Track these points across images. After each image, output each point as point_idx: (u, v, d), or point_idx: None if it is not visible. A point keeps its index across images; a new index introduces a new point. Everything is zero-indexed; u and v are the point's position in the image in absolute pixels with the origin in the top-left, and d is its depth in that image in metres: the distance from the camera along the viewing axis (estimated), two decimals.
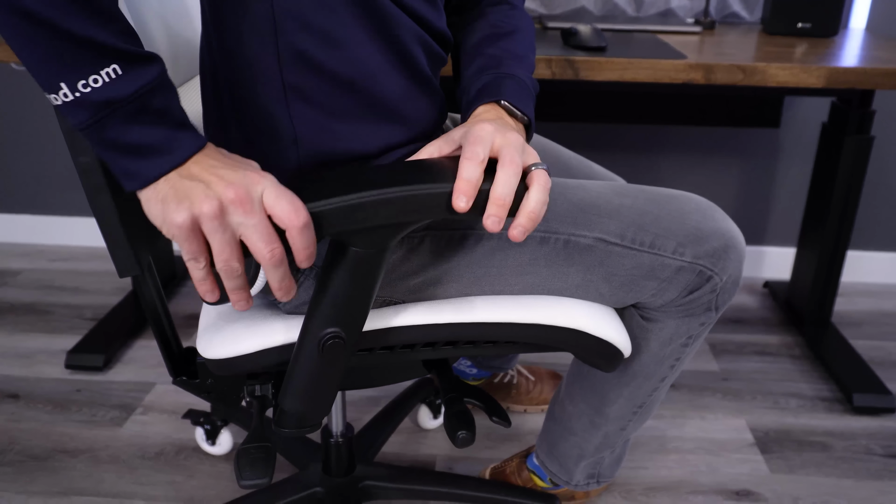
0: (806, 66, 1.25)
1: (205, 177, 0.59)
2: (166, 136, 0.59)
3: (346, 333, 0.72)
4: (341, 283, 0.69)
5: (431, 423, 1.42)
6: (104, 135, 0.58)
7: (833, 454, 1.39)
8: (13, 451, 1.35)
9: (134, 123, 0.58)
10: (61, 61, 0.55)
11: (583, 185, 0.85)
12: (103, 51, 0.56)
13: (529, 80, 0.83)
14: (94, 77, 0.56)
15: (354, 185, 0.64)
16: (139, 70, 0.58)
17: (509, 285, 0.81)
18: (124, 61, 0.57)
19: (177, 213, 0.58)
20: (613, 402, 0.98)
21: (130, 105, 0.57)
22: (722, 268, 0.83)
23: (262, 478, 0.81)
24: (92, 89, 0.56)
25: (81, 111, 0.57)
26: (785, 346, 1.75)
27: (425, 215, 0.66)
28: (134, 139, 0.58)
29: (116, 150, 0.59)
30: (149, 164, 0.59)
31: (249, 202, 0.59)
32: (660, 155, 1.96)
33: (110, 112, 0.57)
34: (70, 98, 0.56)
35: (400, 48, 0.75)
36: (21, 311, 1.82)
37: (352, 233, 0.65)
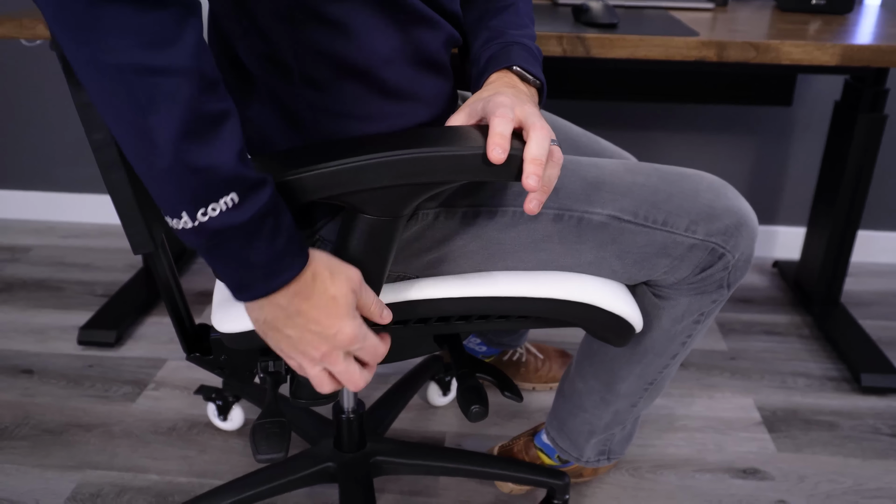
0: (820, 44, 1.24)
1: (296, 332, 0.64)
2: (274, 256, 0.60)
3: None
4: (357, 252, 0.70)
5: (440, 400, 1.43)
6: (217, 254, 0.60)
7: (840, 433, 1.40)
8: (28, 425, 1.37)
9: (246, 246, 0.59)
10: (182, 190, 0.56)
11: (596, 163, 0.85)
12: (223, 179, 0.56)
13: (535, 46, 0.84)
14: (213, 206, 0.56)
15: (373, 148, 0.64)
16: (254, 196, 0.58)
17: (522, 262, 0.82)
18: (242, 188, 0.57)
19: (302, 359, 0.66)
20: (624, 378, 0.98)
21: (244, 230, 0.58)
22: (734, 245, 0.84)
23: (278, 452, 0.82)
24: (210, 218, 0.57)
25: (197, 237, 0.58)
26: (793, 325, 1.75)
27: (449, 176, 0.66)
28: (244, 259, 0.60)
29: (229, 266, 0.60)
30: (256, 282, 0.61)
31: (333, 358, 0.66)
32: (670, 133, 1.95)
33: (224, 238, 0.58)
34: (189, 226, 0.57)
35: (414, 34, 0.75)
36: (33, 288, 1.83)
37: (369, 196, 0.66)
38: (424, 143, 0.65)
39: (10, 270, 1.91)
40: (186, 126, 0.54)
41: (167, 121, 0.53)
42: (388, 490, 1.23)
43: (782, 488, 1.26)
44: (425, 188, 0.68)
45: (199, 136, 0.55)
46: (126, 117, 0.53)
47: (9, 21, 1.28)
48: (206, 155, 0.55)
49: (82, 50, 0.51)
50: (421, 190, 0.67)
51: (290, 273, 0.62)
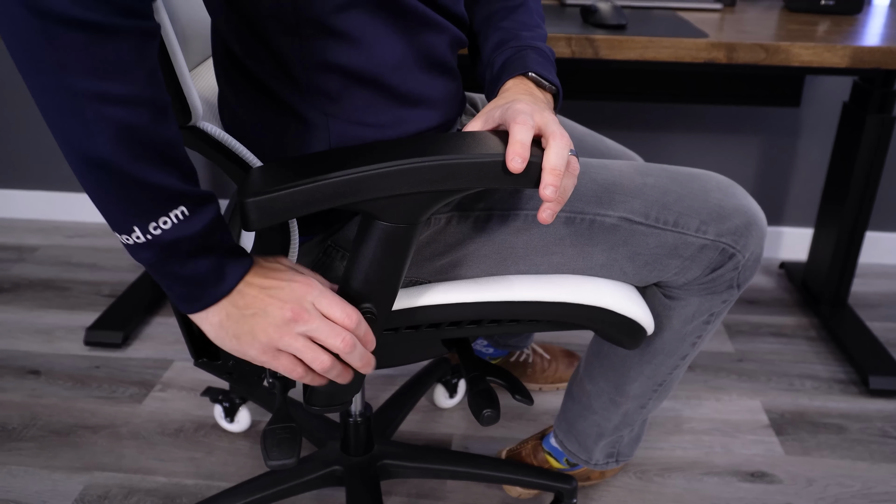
0: (830, 46, 1.23)
1: (259, 303, 0.64)
2: (220, 265, 0.63)
3: (378, 309, 0.72)
4: (373, 259, 0.69)
5: (447, 403, 1.43)
6: (165, 269, 0.61)
7: (848, 436, 1.39)
8: (35, 426, 1.37)
9: (191, 258, 0.61)
10: (134, 206, 0.57)
11: (605, 165, 0.84)
12: (173, 195, 0.58)
13: (548, 49, 0.84)
14: (164, 219, 0.58)
15: (392, 155, 0.64)
16: (203, 210, 0.60)
17: (535, 265, 0.81)
18: (191, 202, 0.59)
19: (252, 349, 0.65)
20: (634, 380, 0.98)
21: (192, 243, 0.60)
22: (744, 245, 0.83)
23: (289, 458, 0.82)
24: (162, 231, 0.58)
25: (149, 251, 0.60)
26: (800, 327, 1.74)
27: (467, 184, 0.66)
28: (191, 271, 0.62)
29: (175, 280, 0.62)
30: (206, 292, 0.63)
31: (306, 313, 0.64)
32: (678, 133, 1.94)
33: (174, 251, 0.60)
34: (142, 240, 0.59)
35: (421, 39, 0.75)
36: (39, 288, 1.83)
37: (386, 203, 0.65)
38: (444, 150, 0.65)
39: (17, 270, 1.91)
40: (137, 151, 0.55)
41: (118, 146, 0.54)
42: (395, 493, 1.23)
43: (790, 491, 1.26)
44: (445, 195, 0.67)
45: (151, 159, 0.56)
46: (78, 141, 0.54)
47: None
48: (156, 175, 0.57)
49: (37, 76, 0.52)
50: (440, 196, 0.67)
51: (235, 276, 0.64)
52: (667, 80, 1.79)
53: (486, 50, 0.85)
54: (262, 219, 0.62)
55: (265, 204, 0.62)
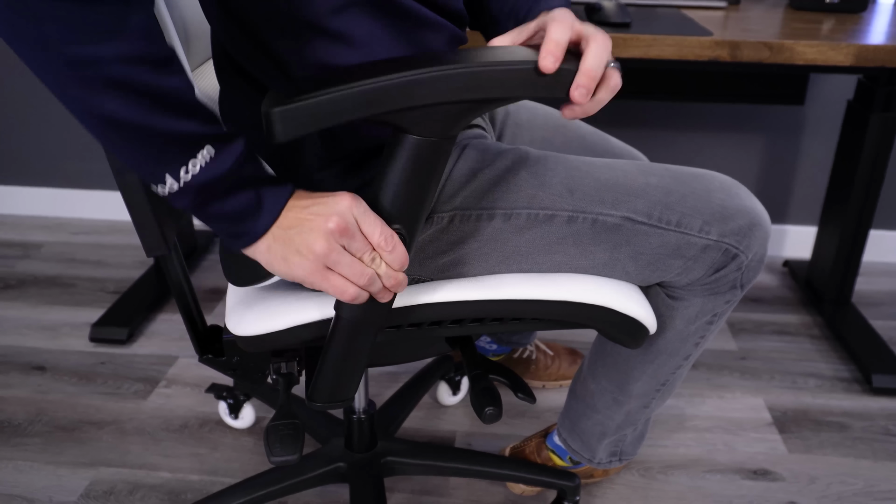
0: (834, 44, 1.23)
1: (304, 220, 0.64)
2: (259, 197, 0.63)
3: (408, 230, 0.70)
4: (402, 176, 0.66)
5: (450, 400, 1.44)
6: (207, 210, 0.62)
7: (851, 434, 1.39)
8: (41, 421, 1.38)
9: (230, 195, 0.62)
10: (162, 156, 0.58)
11: (609, 164, 0.84)
12: (196, 138, 0.59)
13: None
14: (193, 162, 0.59)
15: (423, 65, 0.62)
16: (229, 147, 0.61)
17: (537, 264, 0.82)
18: (216, 142, 0.60)
19: (300, 267, 0.64)
20: (637, 379, 0.98)
21: (226, 181, 0.61)
22: (747, 246, 0.83)
23: (292, 454, 0.82)
24: (193, 175, 0.59)
25: (185, 196, 0.61)
26: (804, 325, 1.74)
27: (500, 91, 0.63)
28: (233, 208, 0.62)
29: (220, 220, 0.63)
30: (251, 225, 0.64)
31: (350, 227, 0.64)
32: (681, 131, 1.94)
33: (210, 191, 0.61)
34: (176, 187, 0.60)
35: (417, 39, 0.75)
36: (45, 284, 1.84)
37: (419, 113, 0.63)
38: (476, 60, 0.63)
39: (22, 267, 1.92)
40: (147, 104, 0.56)
41: (128, 104, 0.55)
42: (398, 490, 1.24)
43: (793, 489, 1.26)
44: (476, 106, 0.65)
45: (164, 110, 0.57)
46: (88, 106, 0.55)
47: None
48: (173, 123, 0.57)
49: (31, 47, 0.52)
50: (472, 108, 0.65)
51: (277, 206, 0.64)
52: (671, 78, 1.78)
53: (505, 9, 0.84)
54: (289, 129, 0.60)
55: (292, 113, 0.59)
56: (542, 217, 0.79)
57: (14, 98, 2.06)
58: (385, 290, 0.69)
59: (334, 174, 0.77)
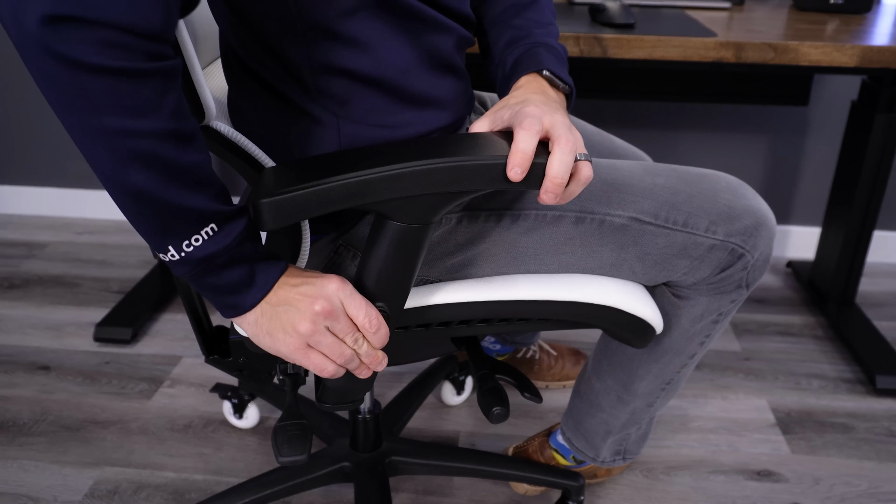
0: (839, 45, 1.23)
1: (292, 299, 0.66)
2: (253, 272, 0.66)
3: (391, 308, 0.73)
4: (386, 258, 0.70)
5: (455, 400, 1.44)
6: (202, 281, 0.65)
7: (855, 436, 1.39)
8: (46, 421, 1.38)
9: (226, 269, 0.65)
10: (168, 229, 0.61)
11: (615, 165, 0.85)
12: (203, 215, 0.61)
13: (561, 47, 0.84)
14: (196, 237, 0.62)
15: (403, 157, 0.65)
16: (231, 224, 0.63)
17: (545, 264, 0.82)
18: (220, 220, 0.63)
19: (284, 344, 0.67)
20: (642, 378, 0.98)
21: (225, 256, 0.64)
22: (753, 245, 0.84)
23: (300, 454, 0.82)
24: (194, 248, 0.62)
25: (184, 266, 0.63)
26: (807, 326, 1.74)
27: (475, 186, 0.67)
28: (227, 281, 0.65)
29: (213, 290, 0.66)
30: (242, 298, 0.66)
31: (335, 310, 0.67)
32: (685, 131, 1.94)
33: (208, 264, 0.63)
34: (177, 257, 0.62)
35: (427, 40, 0.75)
36: (49, 284, 1.84)
37: (399, 204, 0.66)
38: (456, 152, 0.66)
39: (27, 266, 1.92)
40: (166, 178, 0.58)
41: (149, 176, 0.58)
42: (403, 489, 1.24)
43: (796, 490, 1.26)
44: (456, 196, 0.68)
45: (180, 185, 0.59)
46: (112, 173, 0.57)
47: None
48: (187, 199, 0.60)
49: (72, 116, 0.55)
50: (451, 198, 0.68)
51: (270, 281, 0.67)
52: (675, 79, 1.78)
53: (497, 48, 0.86)
54: (277, 219, 0.63)
55: (279, 204, 0.63)
56: (549, 218, 0.80)
57: (19, 98, 2.07)
58: (364, 366, 0.72)
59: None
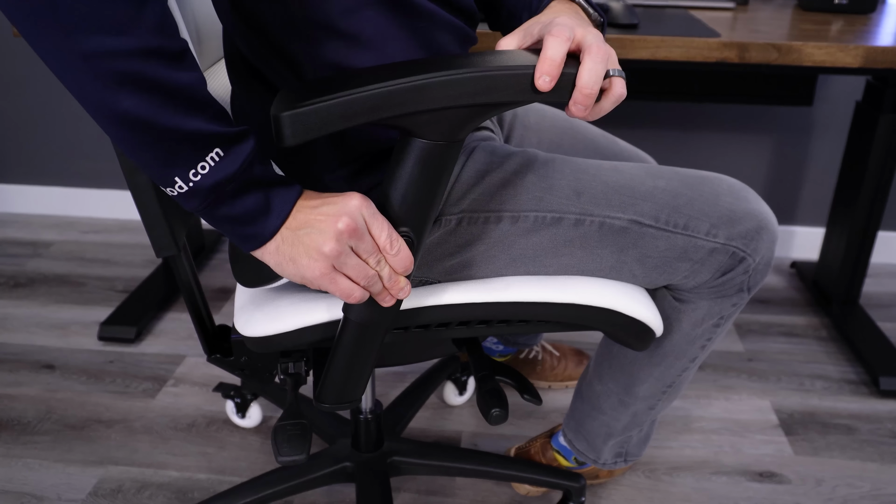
0: (843, 46, 1.23)
1: (313, 221, 0.64)
2: (268, 198, 0.63)
3: (415, 233, 0.70)
4: (410, 178, 0.67)
5: (457, 400, 1.44)
6: (216, 213, 0.62)
7: (858, 437, 1.39)
8: (50, 419, 1.39)
9: (238, 197, 0.62)
10: (171, 158, 0.58)
11: (616, 167, 0.84)
12: (205, 139, 0.59)
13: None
14: (202, 164, 0.59)
15: (432, 69, 0.62)
16: (237, 148, 0.61)
17: (544, 266, 0.82)
18: (224, 143, 0.60)
19: (309, 269, 0.64)
20: (643, 381, 0.98)
21: (235, 182, 0.61)
22: (755, 249, 0.83)
23: (300, 454, 0.83)
24: (201, 176, 0.59)
25: (194, 199, 0.61)
26: (811, 327, 1.74)
27: (505, 97, 0.64)
28: (242, 210, 0.62)
29: (229, 222, 0.63)
30: (260, 227, 0.64)
31: (359, 228, 0.64)
32: (689, 132, 1.94)
33: (218, 193, 0.61)
34: (185, 189, 0.60)
35: (429, 38, 0.75)
36: (54, 283, 1.85)
37: (426, 117, 0.64)
38: (482, 65, 0.63)
39: (33, 265, 1.93)
40: (160, 101, 0.56)
41: (141, 100, 0.55)
42: (404, 489, 1.24)
43: (799, 492, 1.26)
44: (483, 110, 0.65)
45: (174, 107, 0.57)
46: (101, 102, 0.55)
47: None
48: (185, 121, 0.57)
49: (45, 41, 0.53)
50: (479, 112, 0.65)
51: (287, 206, 0.64)
52: (678, 79, 1.78)
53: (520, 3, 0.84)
54: (297, 133, 0.60)
55: (301, 117, 0.59)
56: (549, 220, 0.80)
57: (24, 97, 2.08)
58: (386, 292, 0.69)
59: (344, 176, 0.77)
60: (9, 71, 2.04)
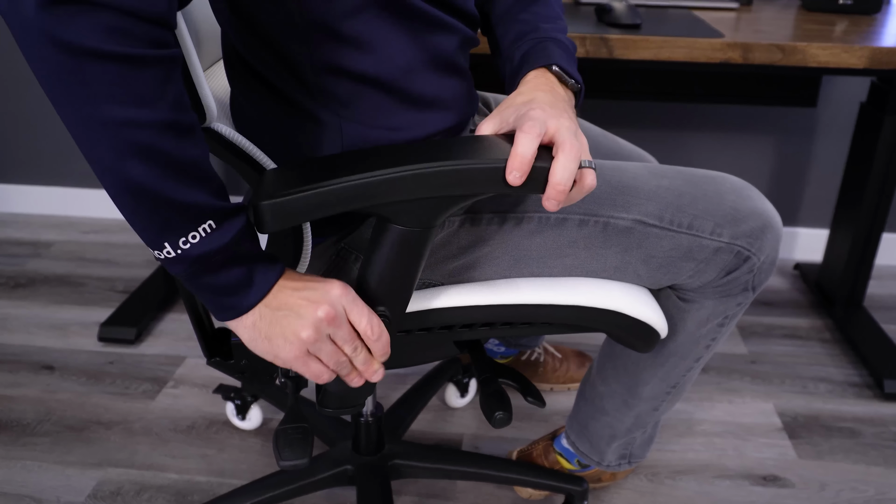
0: (847, 46, 1.22)
1: (293, 304, 0.65)
2: (251, 273, 0.64)
3: (392, 312, 0.72)
4: (387, 261, 0.69)
5: (458, 402, 1.43)
6: (198, 281, 0.62)
7: (862, 441, 1.38)
8: (50, 421, 1.38)
9: (223, 269, 0.62)
10: (165, 225, 0.59)
11: (619, 167, 0.84)
12: (202, 211, 0.59)
13: (570, 42, 0.82)
14: (193, 234, 0.60)
15: (405, 159, 0.64)
16: (230, 222, 0.61)
17: (548, 267, 0.81)
18: (218, 217, 0.61)
19: (283, 350, 0.65)
20: (647, 382, 0.98)
21: (222, 255, 0.61)
22: (759, 248, 0.83)
23: (301, 458, 0.82)
24: (191, 245, 0.60)
25: (179, 265, 0.61)
26: (814, 329, 1.73)
27: (477, 189, 0.66)
28: (224, 281, 0.63)
29: (209, 290, 0.63)
30: (239, 300, 0.64)
31: (338, 317, 0.65)
32: (692, 133, 1.93)
33: (204, 263, 0.61)
34: (172, 255, 0.60)
35: (431, 41, 0.74)
36: (55, 283, 1.85)
37: (401, 207, 0.66)
38: (457, 155, 0.65)
39: (33, 265, 1.93)
40: (164, 172, 0.57)
41: (149, 170, 0.56)
42: (405, 493, 1.23)
43: (802, 496, 1.25)
44: (457, 200, 0.67)
45: (179, 179, 0.58)
46: (111, 167, 0.56)
47: None
48: (183, 193, 0.58)
49: (70, 104, 0.54)
50: (453, 201, 0.67)
51: (267, 283, 0.65)
52: (681, 80, 1.77)
53: (504, 43, 0.84)
54: (276, 221, 0.63)
55: (279, 206, 0.62)
56: (553, 221, 0.79)
57: (24, 97, 2.07)
58: (356, 374, 0.70)
59: None
60: (9, 71, 2.04)
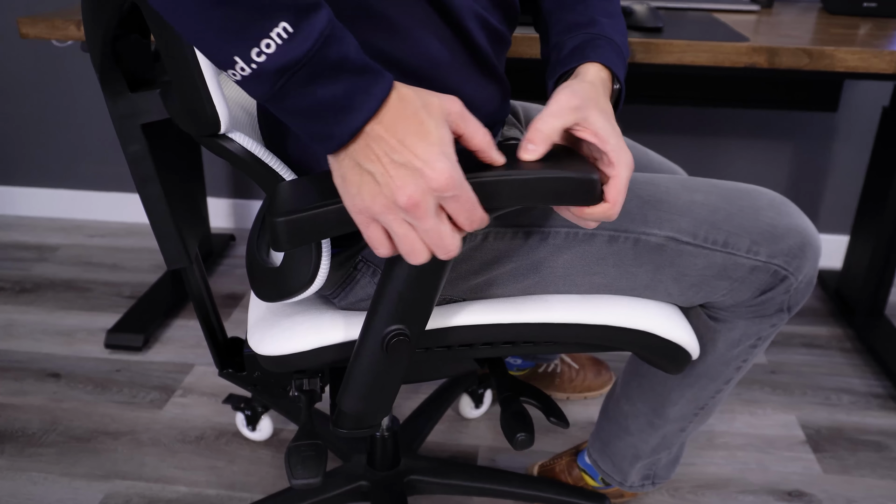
0: (877, 51, 1.18)
1: (380, 166, 0.54)
2: (347, 90, 0.53)
3: (411, 331, 0.69)
4: (407, 277, 0.66)
5: (473, 413, 1.40)
6: (286, 104, 0.53)
7: (889, 455, 1.34)
8: (56, 431, 1.35)
9: (312, 84, 0.52)
10: (228, 31, 0.50)
11: (651, 180, 0.80)
12: (267, 5, 0.50)
13: (625, 46, 0.78)
14: (266, 42, 0.50)
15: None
16: (309, 21, 0.51)
17: (575, 285, 0.78)
18: (292, 14, 0.50)
19: (349, 201, 0.56)
20: (675, 403, 0.94)
21: (307, 66, 0.52)
22: (797, 267, 0.79)
23: (315, 477, 0.79)
24: (266, 57, 0.51)
25: (260, 84, 0.52)
26: (835, 338, 1.69)
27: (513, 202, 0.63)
28: (315, 101, 0.53)
29: (301, 116, 0.54)
30: (335, 126, 0.54)
31: (424, 213, 0.54)
32: (710, 137, 1.89)
33: (289, 78, 0.52)
34: (247, 72, 0.51)
35: (461, 32, 0.71)
36: (61, 288, 1.82)
37: None
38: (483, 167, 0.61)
39: (38, 270, 1.90)
40: None
41: None
42: None
43: None
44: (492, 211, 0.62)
45: None
46: None
47: (42, 22, 1.26)
48: None
49: None
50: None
51: (373, 102, 0.53)
52: (700, 84, 1.74)
53: (554, 32, 0.79)
54: (294, 239, 0.59)
55: (296, 224, 0.58)
56: (581, 236, 0.76)
57: (30, 100, 2.04)
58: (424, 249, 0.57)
59: None
60: (15, 74, 2.01)
